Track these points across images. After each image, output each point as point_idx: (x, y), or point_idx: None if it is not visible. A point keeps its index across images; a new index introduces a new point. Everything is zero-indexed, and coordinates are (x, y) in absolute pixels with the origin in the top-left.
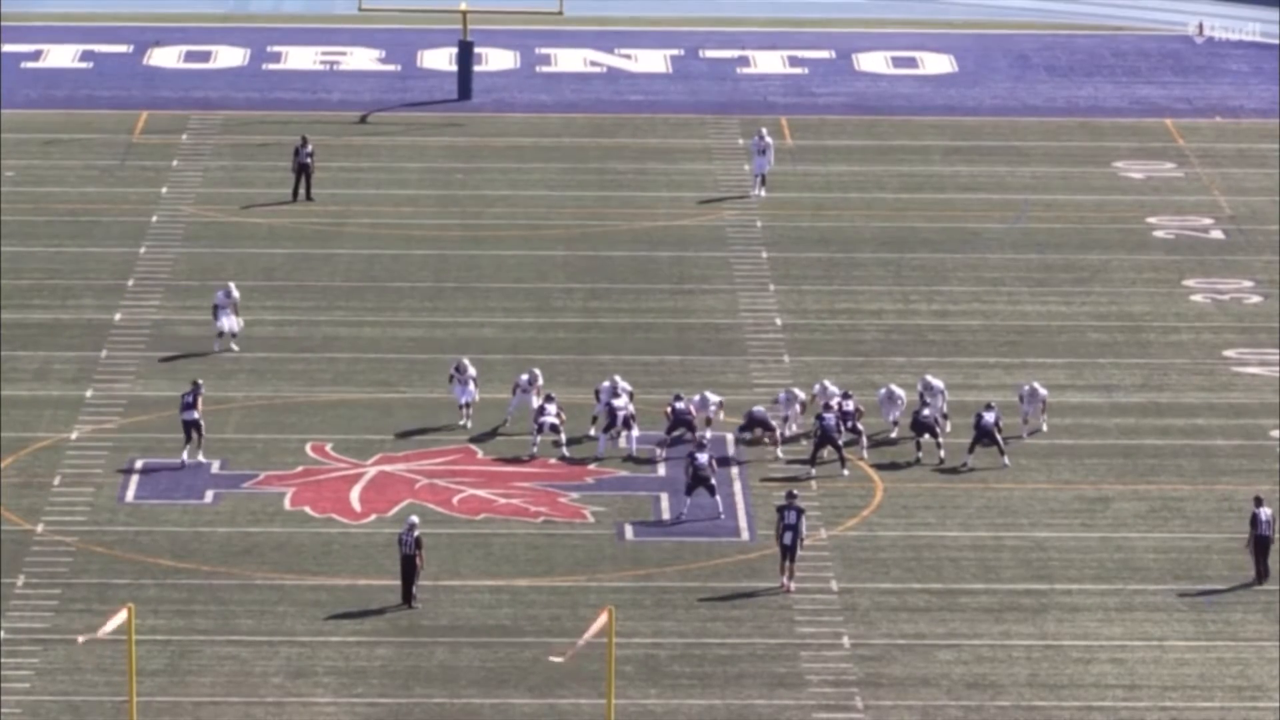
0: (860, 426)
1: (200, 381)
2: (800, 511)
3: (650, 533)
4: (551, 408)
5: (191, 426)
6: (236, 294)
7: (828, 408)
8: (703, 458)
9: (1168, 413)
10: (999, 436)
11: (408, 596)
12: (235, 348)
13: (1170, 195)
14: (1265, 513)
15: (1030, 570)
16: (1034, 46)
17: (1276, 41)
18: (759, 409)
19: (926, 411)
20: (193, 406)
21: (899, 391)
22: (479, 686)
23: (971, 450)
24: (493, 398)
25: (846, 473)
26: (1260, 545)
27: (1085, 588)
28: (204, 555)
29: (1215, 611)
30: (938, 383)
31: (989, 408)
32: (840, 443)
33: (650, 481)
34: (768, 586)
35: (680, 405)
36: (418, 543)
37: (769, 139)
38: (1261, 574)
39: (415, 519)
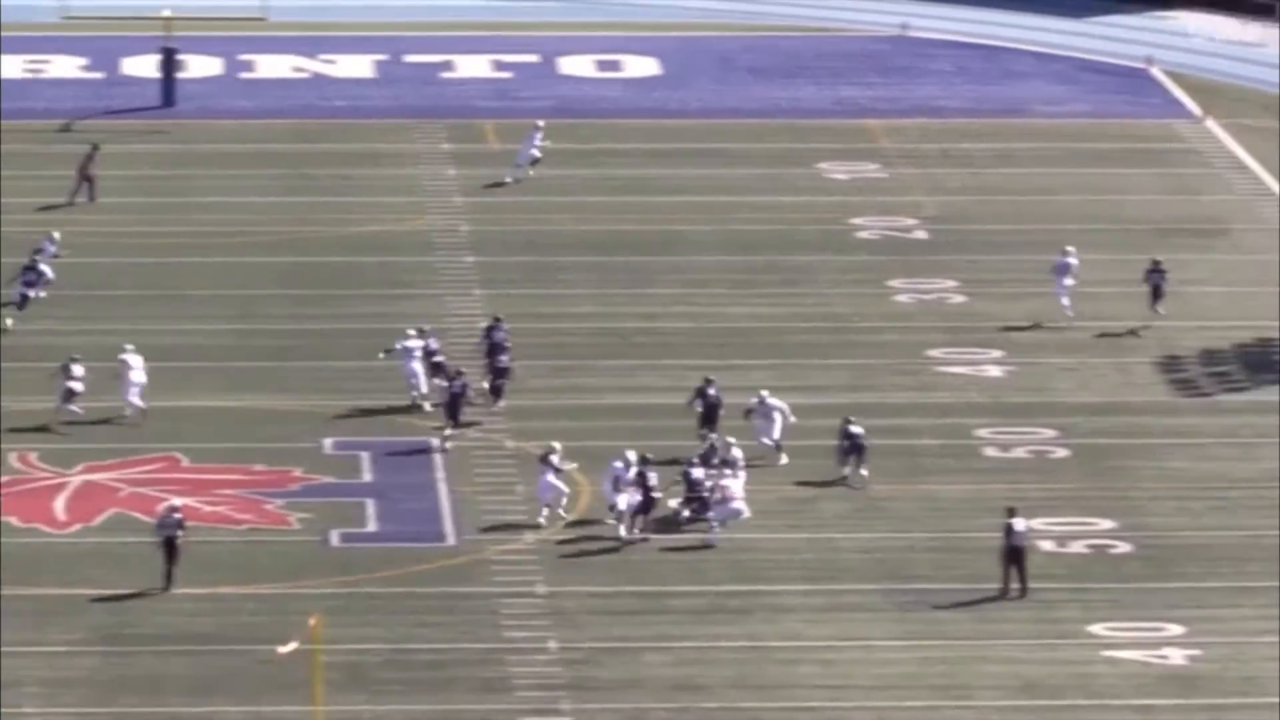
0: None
1: None
2: None
3: (356, 538)
4: (79, 369)
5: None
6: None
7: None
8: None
9: (873, 413)
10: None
11: (169, 579)
12: (10, 322)
13: (874, 196)
14: (1020, 523)
15: (737, 572)
16: (737, 48)
17: (979, 41)
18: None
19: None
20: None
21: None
22: (186, 695)
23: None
24: (196, 405)
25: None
26: (1014, 556)
27: (791, 588)
28: None
29: (920, 611)
30: (775, 402)
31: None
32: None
33: (356, 488)
34: (475, 590)
35: None
36: (179, 524)
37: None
38: (1020, 586)
39: (177, 501)
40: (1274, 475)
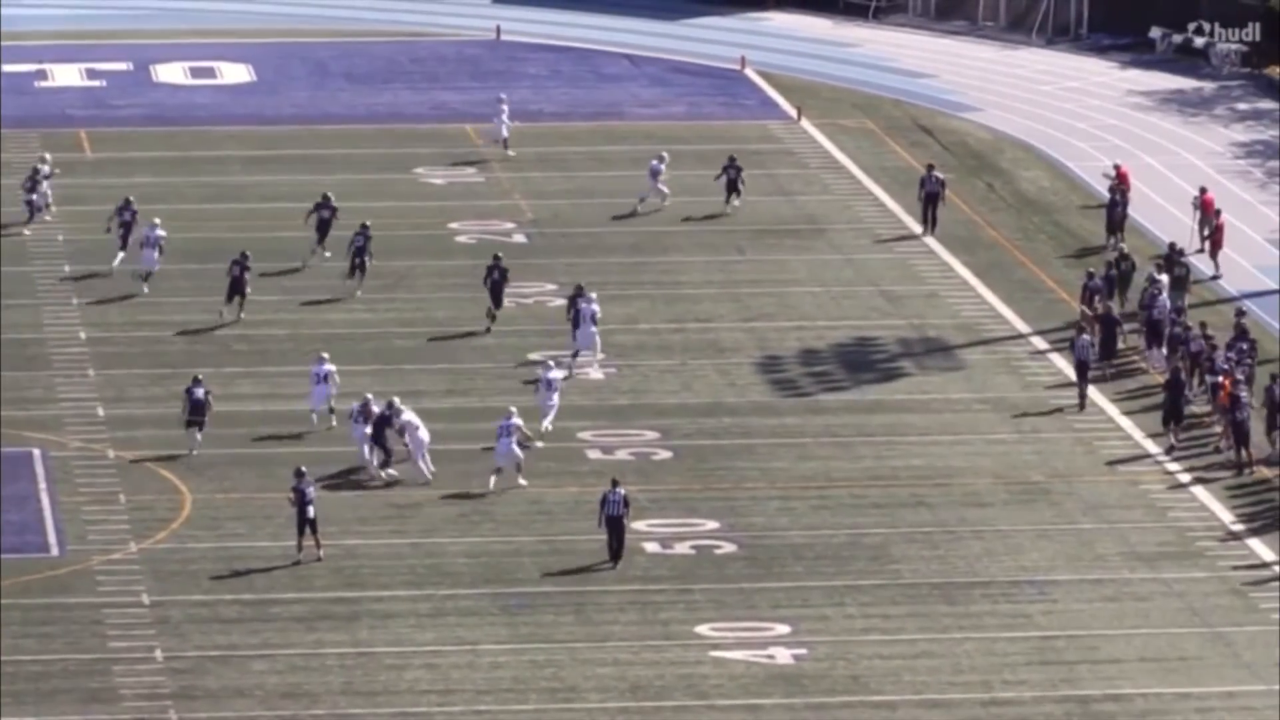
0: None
1: None
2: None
3: None
4: None
5: None
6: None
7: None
8: None
9: (475, 417)
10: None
11: None
12: None
13: (472, 200)
14: (616, 493)
15: (342, 578)
16: (332, 54)
17: (572, 44)
18: None
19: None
20: None
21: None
22: None
23: None
24: None
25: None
26: (612, 525)
27: (397, 594)
28: None
29: (527, 614)
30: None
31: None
32: None
33: None
34: (78, 602)
35: None
36: None
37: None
38: (615, 559)
39: None
40: (874, 473)
